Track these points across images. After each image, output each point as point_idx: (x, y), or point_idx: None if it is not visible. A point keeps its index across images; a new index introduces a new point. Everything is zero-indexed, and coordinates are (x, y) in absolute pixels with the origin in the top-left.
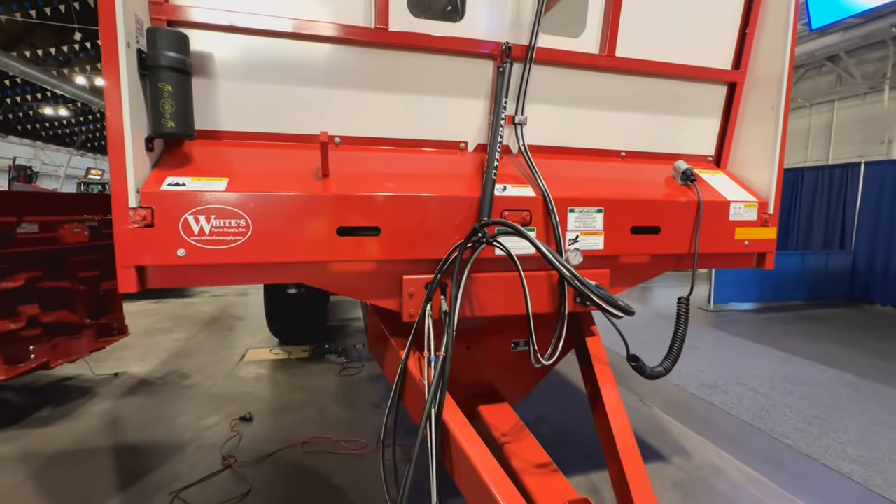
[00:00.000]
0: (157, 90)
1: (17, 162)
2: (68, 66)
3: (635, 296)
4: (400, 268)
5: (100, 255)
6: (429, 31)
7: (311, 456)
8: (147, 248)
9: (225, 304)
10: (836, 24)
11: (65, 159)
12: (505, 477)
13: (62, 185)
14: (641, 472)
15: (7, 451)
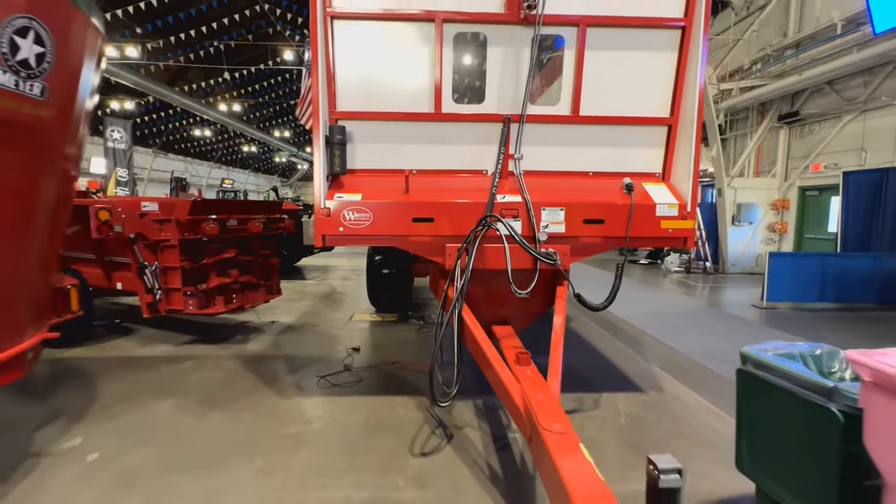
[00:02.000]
0: (332, 153)
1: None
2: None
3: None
4: (444, 240)
5: (269, 240)
6: (464, 111)
7: (395, 369)
8: (326, 226)
9: (333, 286)
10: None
11: (206, 171)
12: (492, 346)
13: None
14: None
15: (225, 353)
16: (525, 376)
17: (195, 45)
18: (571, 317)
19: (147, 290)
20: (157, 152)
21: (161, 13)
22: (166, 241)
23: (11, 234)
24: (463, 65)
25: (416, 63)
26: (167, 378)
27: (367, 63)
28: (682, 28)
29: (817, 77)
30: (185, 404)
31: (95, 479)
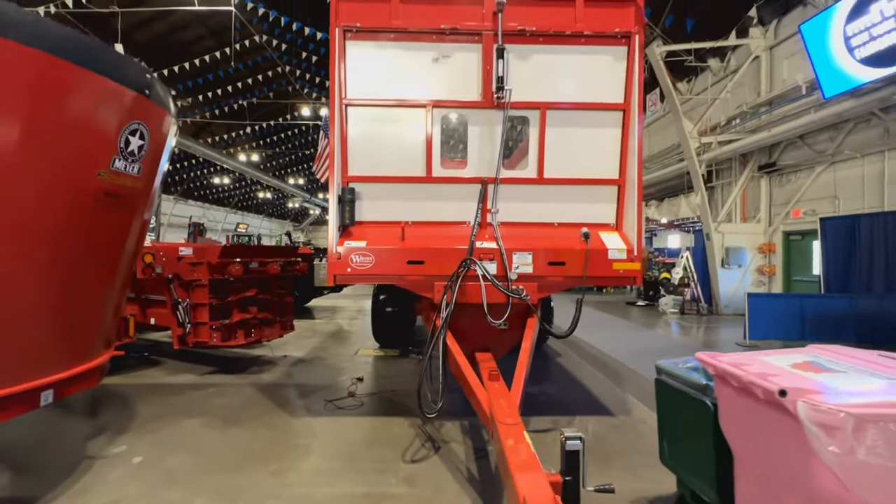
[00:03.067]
0: (344, 208)
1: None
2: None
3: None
4: (433, 279)
5: (286, 281)
6: (450, 175)
7: (393, 396)
8: (338, 267)
9: (340, 325)
10: (848, 93)
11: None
12: (468, 365)
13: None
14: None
15: (242, 382)
16: (493, 388)
17: (221, 102)
18: (560, 352)
19: (179, 324)
20: (178, 199)
21: (192, 74)
22: (198, 280)
23: (109, 273)
24: (449, 139)
25: (412, 138)
26: (194, 401)
27: (373, 138)
28: (622, 110)
29: (786, 133)
30: (211, 422)
31: (142, 476)
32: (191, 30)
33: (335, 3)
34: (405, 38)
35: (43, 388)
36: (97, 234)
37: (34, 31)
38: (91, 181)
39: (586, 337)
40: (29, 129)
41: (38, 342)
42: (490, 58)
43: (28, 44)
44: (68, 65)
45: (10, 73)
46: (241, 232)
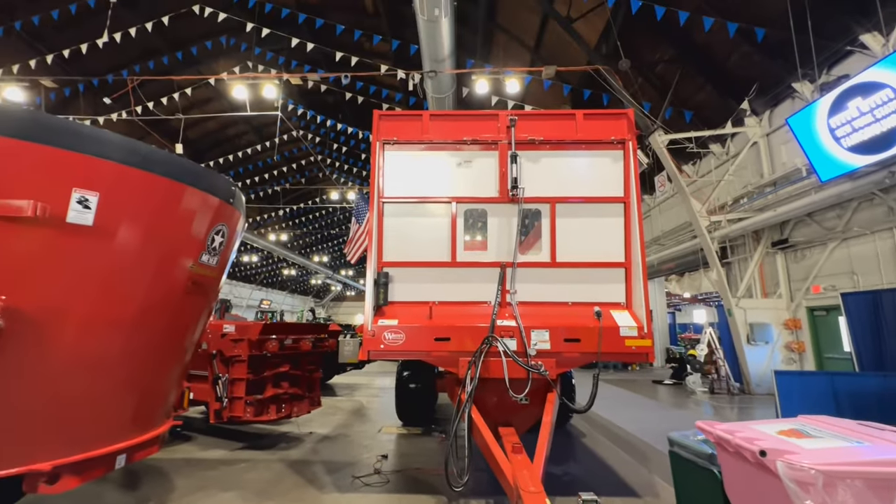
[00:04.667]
0: (378, 291)
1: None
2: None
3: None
4: (458, 354)
5: (315, 357)
6: (472, 260)
7: (420, 474)
8: (372, 344)
9: (362, 402)
10: (844, 176)
11: (248, 293)
12: (492, 437)
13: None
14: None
15: (272, 457)
16: (517, 460)
17: (258, 188)
18: (584, 432)
19: (217, 399)
20: None
21: (234, 164)
22: (237, 356)
23: (182, 350)
24: (471, 229)
25: (439, 228)
26: (227, 475)
27: (405, 229)
28: (623, 203)
29: (792, 212)
30: (245, 496)
31: None
32: (237, 126)
33: (377, 121)
34: (434, 148)
35: (118, 452)
36: (180, 316)
37: (164, 163)
38: (184, 272)
39: (611, 417)
40: (156, 229)
41: (119, 411)
42: (505, 161)
43: (160, 174)
44: (182, 185)
45: (148, 194)
46: (265, 308)
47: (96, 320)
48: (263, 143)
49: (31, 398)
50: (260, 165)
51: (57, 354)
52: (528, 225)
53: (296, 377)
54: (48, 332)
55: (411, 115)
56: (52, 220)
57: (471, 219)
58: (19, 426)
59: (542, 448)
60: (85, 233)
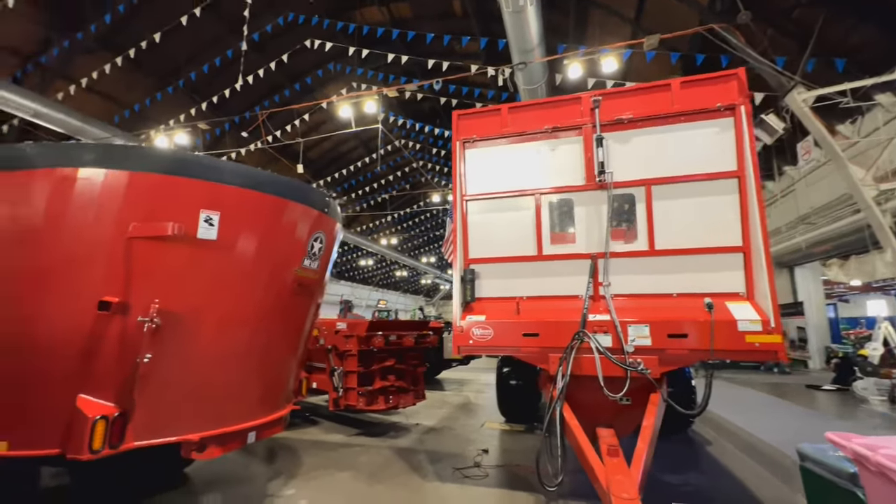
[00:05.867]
0: (465, 287)
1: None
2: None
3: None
4: (548, 350)
5: (418, 352)
6: (559, 252)
7: (519, 471)
8: (461, 339)
9: (468, 397)
10: None
11: (366, 294)
12: (584, 437)
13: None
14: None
15: (382, 444)
16: (612, 463)
17: (367, 197)
18: (710, 440)
19: (334, 389)
20: (332, 279)
21: (347, 177)
22: (349, 351)
23: (295, 343)
24: (557, 220)
25: (524, 221)
26: (344, 457)
27: (489, 225)
28: (737, 177)
29: None
30: (358, 476)
31: None
32: (348, 143)
33: (456, 122)
34: (514, 141)
35: (249, 429)
36: (291, 313)
37: (269, 183)
38: (291, 275)
39: (748, 425)
40: (265, 240)
41: (249, 394)
42: (591, 146)
43: (266, 192)
44: (284, 200)
45: (258, 210)
46: (381, 307)
47: (225, 317)
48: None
49: (183, 381)
50: (369, 176)
51: (198, 346)
52: (619, 212)
53: (401, 371)
54: (191, 327)
55: (489, 110)
56: (186, 236)
57: (557, 210)
58: (175, 404)
59: (642, 453)
60: (211, 246)
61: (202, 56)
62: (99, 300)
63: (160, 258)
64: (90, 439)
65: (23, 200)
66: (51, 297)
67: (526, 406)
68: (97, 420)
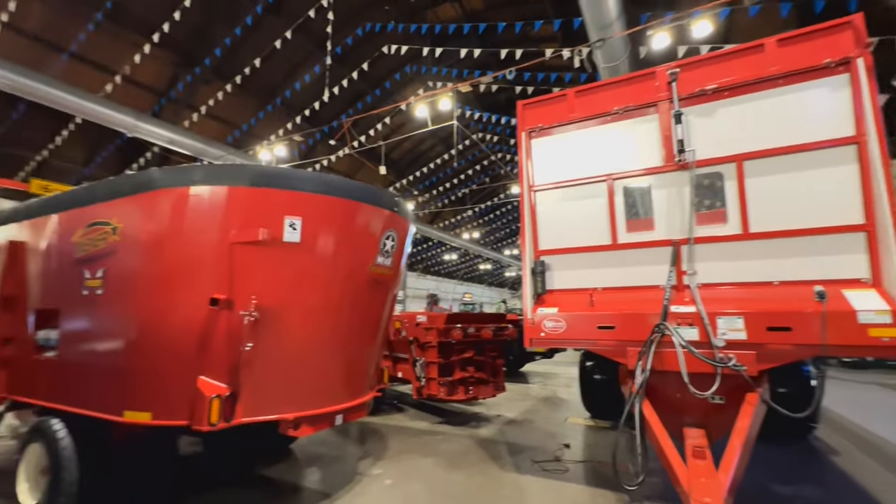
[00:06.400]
0: (535, 279)
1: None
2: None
3: None
4: (625, 344)
5: (497, 345)
6: (638, 240)
7: (601, 468)
8: (532, 332)
9: (553, 391)
10: None
11: (452, 288)
12: (665, 435)
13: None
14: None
15: (463, 433)
16: (696, 466)
17: (448, 194)
18: (839, 450)
19: (416, 378)
20: (419, 274)
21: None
22: (429, 342)
23: (373, 334)
24: (633, 206)
25: (595, 210)
26: (427, 444)
27: (559, 215)
28: (855, 143)
29: None
30: (439, 462)
31: (391, 494)
32: (427, 142)
33: (521, 112)
34: (583, 126)
35: (336, 412)
36: (368, 307)
37: (342, 187)
38: (365, 272)
39: (891, 435)
40: (341, 240)
41: (336, 380)
42: (668, 124)
43: (340, 196)
44: (357, 203)
45: (334, 213)
46: (466, 301)
47: (310, 311)
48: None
49: (278, 367)
50: (448, 172)
51: (289, 336)
52: (704, 193)
53: (480, 363)
54: (282, 320)
55: (555, 97)
56: (274, 241)
57: (632, 195)
58: (273, 386)
59: (732, 456)
60: (296, 248)
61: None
62: (210, 297)
63: (255, 260)
64: (208, 414)
65: (152, 215)
66: (175, 295)
67: (611, 401)
68: (213, 398)
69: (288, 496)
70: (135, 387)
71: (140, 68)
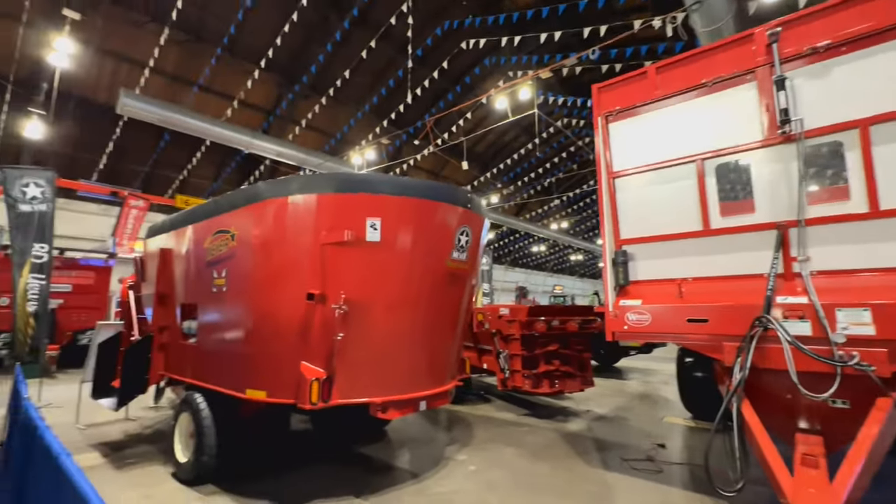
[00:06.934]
0: (617, 270)
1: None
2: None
3: None
4: (721, 338)
5: (583, 338)
6: (734, 224)
7: (699, 471)
8: (614, 325)
9: (650, 388)
10: None
11: (541, 280)
12: (772, 447)
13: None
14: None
15: (549, 426)
16: (805, 475)
17: (534, 183)
18: None
19: (500, 370)
20: (508, 267)
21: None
22: (512, 335)
23: (452, 326)
24: (728, 187)
25: (683, 193)
26: (512, 434)
27: (642, 202)
28: None
29: None
30: (523, 453)
31: (474, 479)
32: (510, 133)
33: (597, 95)
34: (667, 104)
35: (420, 398)
36: (445, 299)
37: (416, 188)
38: (442, 266)
39: None
40: (418, 237)
41: (419, 368)
42: (769, 92)
43: (415, 196)
44: (431, 202)
45: (410, 212)
46: (556, 293)
47: (392, 303)
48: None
49: (367, 355)
50: (532, 162)
51: (374, 327)
52: (817, 167)
53: (566, 356)
54: (368, 312)
55: (633, 76)
56: (358, 240)
57: (726, 175)
58: (363, 372)
59: (853, 467)
60: (377, 246)
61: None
62: (307, 292)
63: (342, 258)
64: (309, 395)
65: (260, 223)
66: (280, 291)
67: (714, 400)
68: (313, 381)
69: (381, 472)
70: (253, 369)
71: (251, 92)
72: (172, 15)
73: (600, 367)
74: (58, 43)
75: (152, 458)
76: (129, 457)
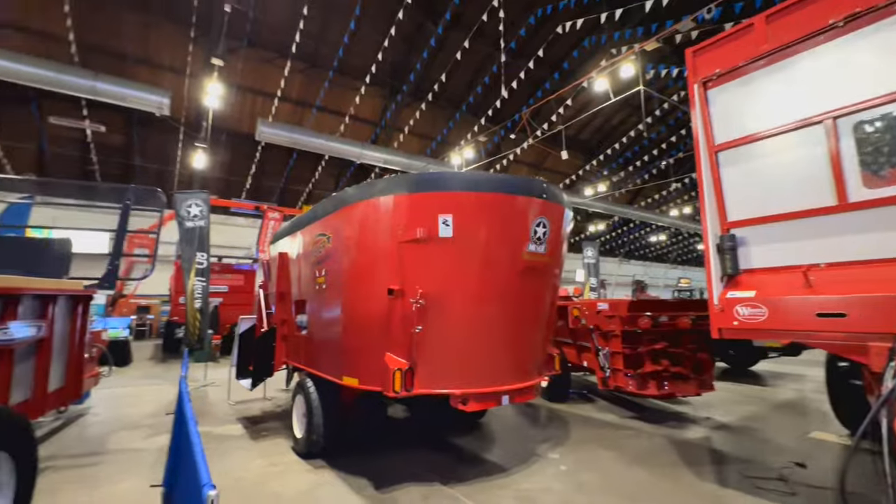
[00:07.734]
0: (724, 258)
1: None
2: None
3: None
4: (864, 337)
5: (698, 335)
6: (883, 195)
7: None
8: (721, 320)
9: (796, 396)
10: None
11: (662, 273)
12: None
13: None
14: None
15: (656, 432)
16: None
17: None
18: None
19: (600, 368)
20: (623, 260)
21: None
22: (612, 331)
23: (538, 320)
24: (871, 149)
25: (808, 162)
26: (611, 437)
27: (753, 177)
28: None
29: None
30: (620, 457)
31: (564, 479)
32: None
33: (691, 60)
34: (780, 57)
35: (503, 392)
36: (524, 292)
37: (487, 182)
38: (518, 259)
39: None
40: (490, 231)
41: (499, 361)
42: None
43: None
44: (502, 195)
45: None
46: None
47: (467, 297)
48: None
49: (445, 347)
50: (645, 144)
51: (451, 320)
52: None
53: (677, 356)
54: (445, 306)
55: (735, 31)
56: (431, 237)
57: (870, 136)
58: (442, 364)
59: None
60: (450, 242)
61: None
62: (388, 288)
63: (417, 255)
64: (393, 384)
65: (349, 224)
66: (367, 287)
67: None
68: (395, 371)
69: (469, 463)
70: (348, 358)
71: (360, 106)
72: (293, 48)
73: (732, 371)
74: (210, 87)
75: (279, 433)
76: (263, 430)
